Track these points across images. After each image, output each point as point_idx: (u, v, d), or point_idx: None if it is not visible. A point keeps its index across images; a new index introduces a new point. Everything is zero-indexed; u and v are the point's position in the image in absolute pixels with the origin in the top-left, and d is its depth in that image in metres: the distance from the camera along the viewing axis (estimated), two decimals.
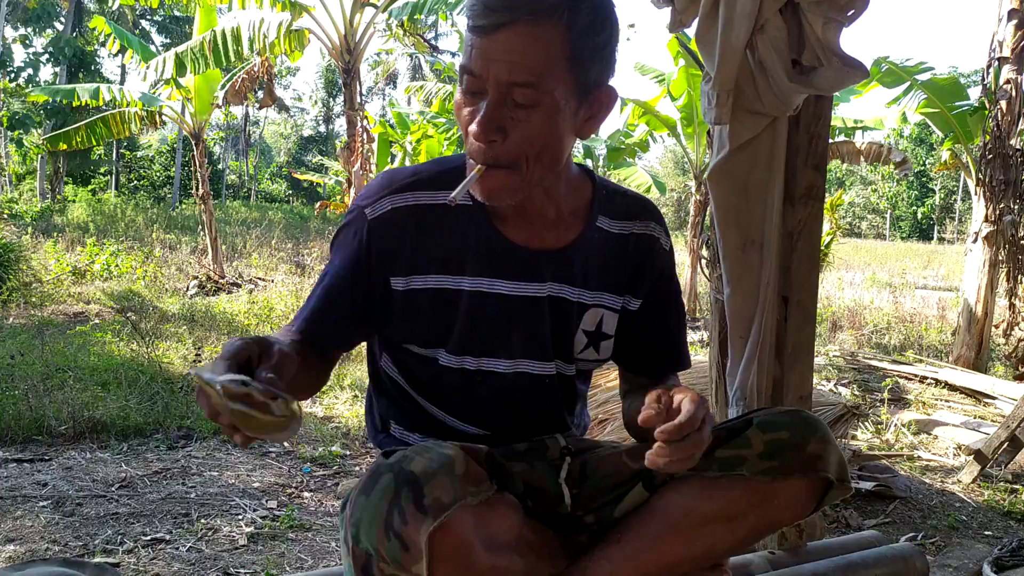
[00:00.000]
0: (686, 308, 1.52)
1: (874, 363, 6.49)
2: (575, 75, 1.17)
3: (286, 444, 3.98)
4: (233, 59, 8.23)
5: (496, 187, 1.20)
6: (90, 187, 27.33)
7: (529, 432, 1.38)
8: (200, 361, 5.29)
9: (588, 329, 1.38)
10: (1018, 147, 6.19)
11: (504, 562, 1.12)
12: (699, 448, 1.10)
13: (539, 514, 1.29)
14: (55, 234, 13.58)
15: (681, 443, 1.08)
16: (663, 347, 1.46)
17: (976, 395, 5.55)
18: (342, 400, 4.95)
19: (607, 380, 4.11)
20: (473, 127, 1.17)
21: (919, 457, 4.18)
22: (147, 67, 8.57)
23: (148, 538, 2.80)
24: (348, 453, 3.93)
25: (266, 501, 3.24)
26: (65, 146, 10.94)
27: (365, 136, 8.84)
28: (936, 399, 5.45)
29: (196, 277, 10.27)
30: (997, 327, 6.55)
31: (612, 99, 1.25)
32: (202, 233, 11.85)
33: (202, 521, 2.98)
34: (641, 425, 1.11)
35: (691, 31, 1.79)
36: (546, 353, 1.35)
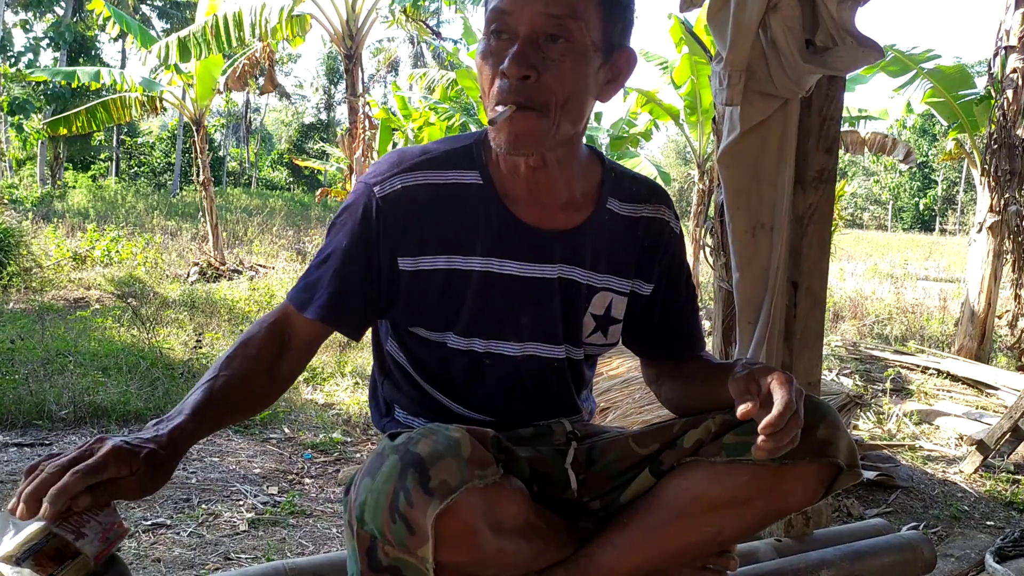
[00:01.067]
0: None
1: (876, 353, 6.48)
2: (604, 23, 1.17)
3: (286, 430, 3.97)
4: (235, 44, 8.19)
5: (524, 131, 1.17)
6: (90, 173, 27.28)
7: (535, 417, 1.36)
8: (200, 347, 5.27)
9: (596, 313, 1.35)
10: None
11: (511, 547, 1.11)
12: (799, 427, 1.12)
13: (545, 500, 1.27)
14: (55, 220, 13.56)
15: (783, 430, 1.09)
16: (679, 331, 1.44)
17: (978, 386, 5.54)
18: (343, 387, 4.94)
19: (609, 368, 4.09)
20: (506, 64, 1.14)
21: (921, 447, 4.17)
22: (149, 52, 8.52)
23: (149, 523, 2.79)
24: (349, 440, 3.92)
25: (267, 487, 3.24)
26: (66, 131, 10.90)
27: (367, 123, 8.81)
28: (938, 389, 5.44)
29: (197, 264, 10.26)
30: (1000, 318, 6.53)
31: (632, 63, 1.26)
32: (203, 220, 11.82)
33: (203, 506, 2.97)
34: (741, 419, 1.13)
35: (694, 15, 1.77)
36: (555, 336, 1.33)
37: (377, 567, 1.03)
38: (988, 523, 3.20)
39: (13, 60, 18.77)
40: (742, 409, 1.11)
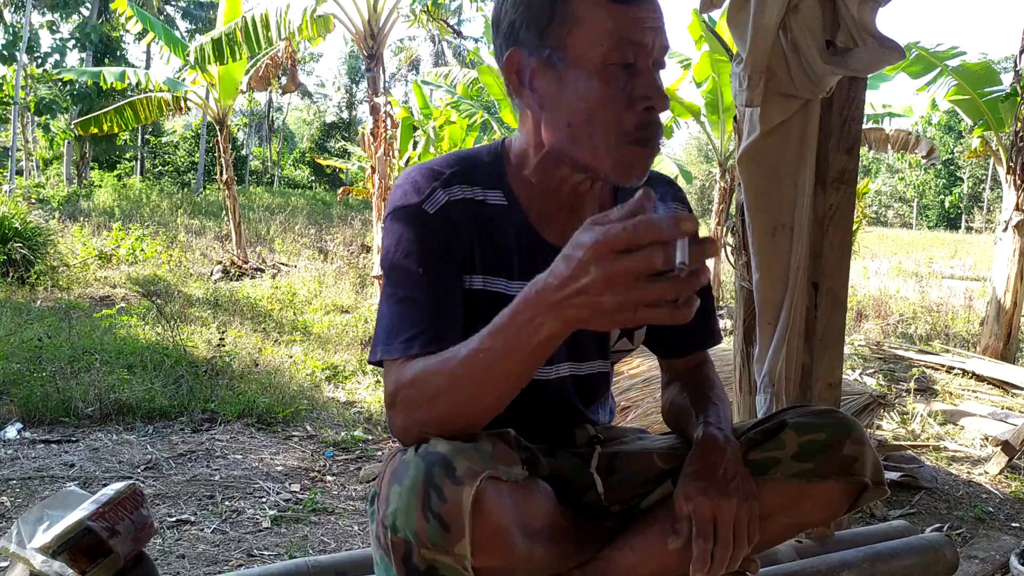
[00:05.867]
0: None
1: (900, 353, 6.42)
2: None
3: (308, 428, 4.01)
4: (264, 45, 8.25)
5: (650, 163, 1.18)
6: (116, 172, 27.55)
7: (557, 431, 1.36)
8: (224, 345, 5.32)
9: None
10: None
11: (539, 550, 1.10)
12: (729, 552, 1.15)
13: (567, 500, 1.27)
14: (81, 218, 13.72)
15: (716, 563, 1.14)
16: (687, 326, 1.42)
17: (1004, 386, 5.47)
18: (364, 385, 4.97)
19: (630, 367, 4.09)
20: (657, 99, 1.12)
21: (945, 448, 4.13)
22: (186, 55, 8.59)
23: (173, 519, 2.83)
24: (370, 438, 3.95)
25: (289, 484, 3.26)
26: (95, 130, 11.05)
27: (389, 122, 8.83)
28: (963, 389, 5.38)
29: (220, 262, 10.34)
30: None
31: None
32: (226, 218, 11.92)
33: (226, 503, 3.00)
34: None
35: (716, 13, 1.76)
36: (585, 354, 1.33)
37: (415, 573, 1.02)
38: (1013, 525, 3.17)
39: (40, 61, 19.02)
40: (671, 546, 1.17)
